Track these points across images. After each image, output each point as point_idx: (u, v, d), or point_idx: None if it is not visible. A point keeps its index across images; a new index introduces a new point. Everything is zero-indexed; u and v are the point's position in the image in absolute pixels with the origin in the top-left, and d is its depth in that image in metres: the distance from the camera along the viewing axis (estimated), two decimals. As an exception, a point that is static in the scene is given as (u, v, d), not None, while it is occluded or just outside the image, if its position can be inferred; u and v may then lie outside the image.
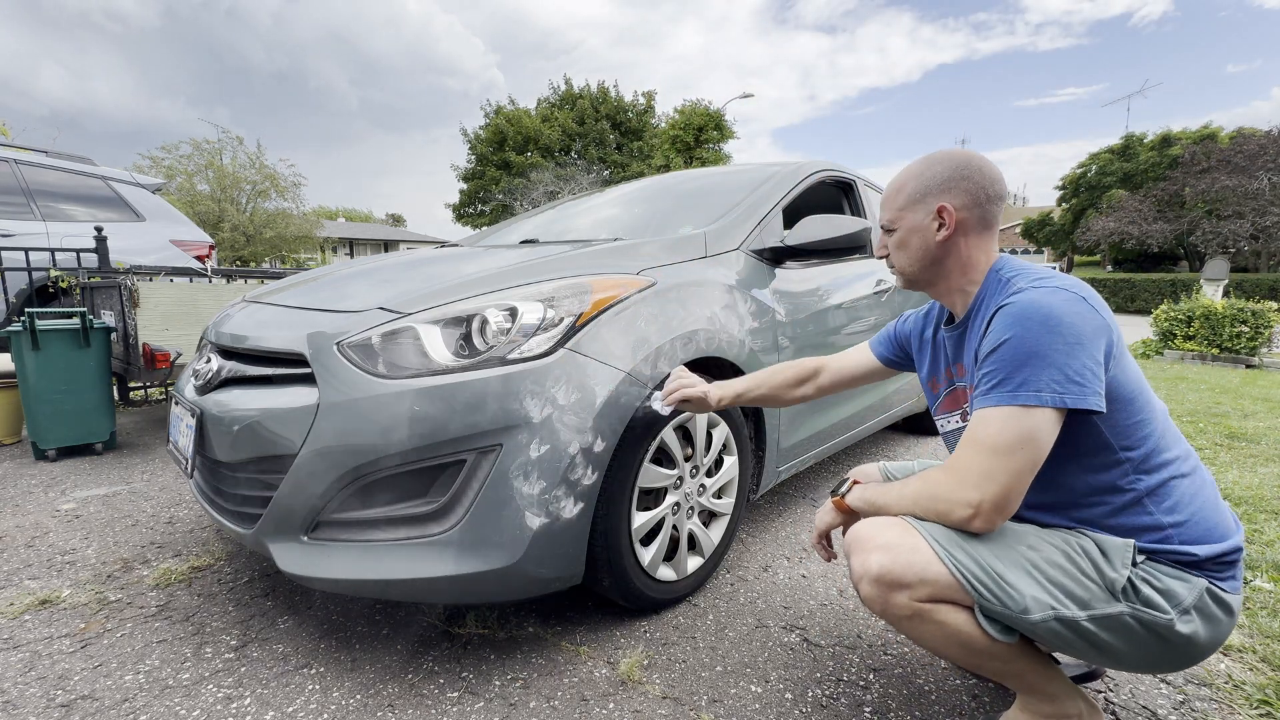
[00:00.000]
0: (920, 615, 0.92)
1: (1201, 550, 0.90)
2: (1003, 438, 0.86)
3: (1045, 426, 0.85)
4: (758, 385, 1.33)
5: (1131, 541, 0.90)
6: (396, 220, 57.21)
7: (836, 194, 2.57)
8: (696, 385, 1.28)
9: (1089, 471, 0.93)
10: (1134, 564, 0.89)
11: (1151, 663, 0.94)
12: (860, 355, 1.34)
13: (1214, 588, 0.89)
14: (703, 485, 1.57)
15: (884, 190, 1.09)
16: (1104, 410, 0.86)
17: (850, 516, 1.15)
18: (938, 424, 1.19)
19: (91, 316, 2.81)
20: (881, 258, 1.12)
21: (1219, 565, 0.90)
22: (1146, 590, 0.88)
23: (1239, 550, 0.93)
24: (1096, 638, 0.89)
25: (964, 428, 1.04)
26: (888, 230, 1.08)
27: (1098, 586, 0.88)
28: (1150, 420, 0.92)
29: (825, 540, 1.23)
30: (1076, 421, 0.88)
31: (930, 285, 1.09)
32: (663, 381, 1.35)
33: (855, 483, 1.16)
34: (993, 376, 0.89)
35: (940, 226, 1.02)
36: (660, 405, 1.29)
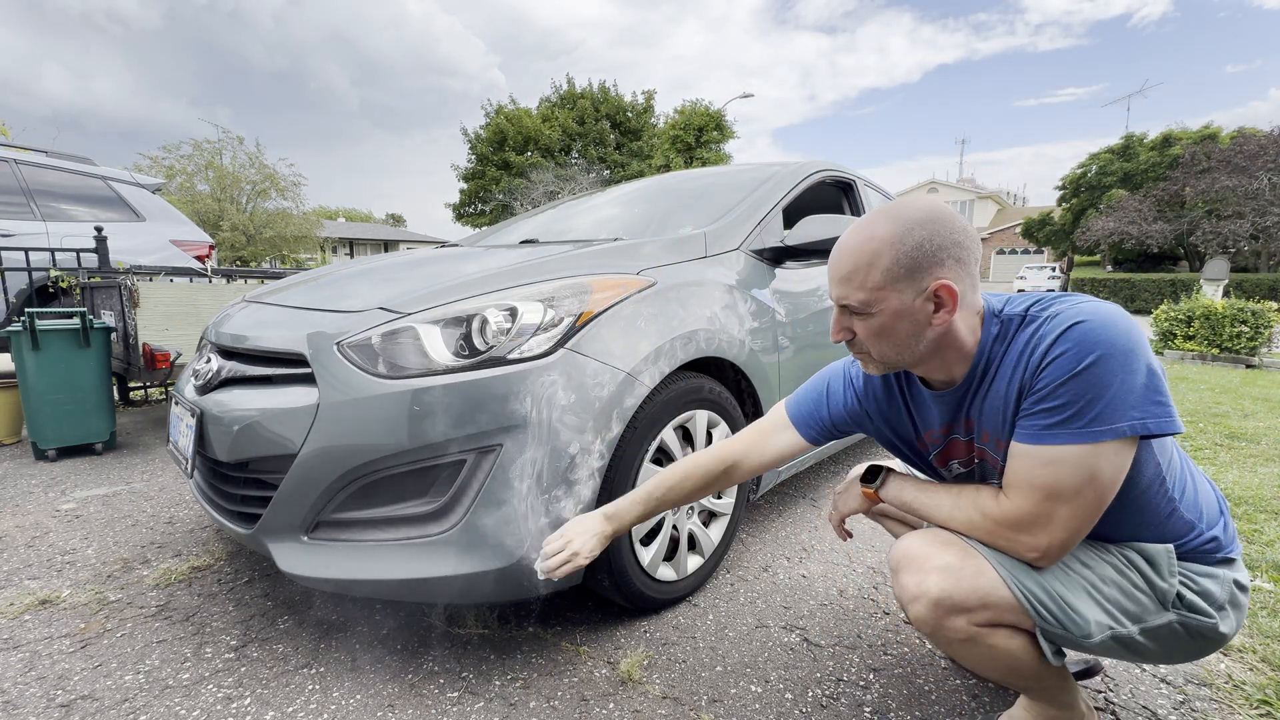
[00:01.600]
0: (975, 639, 0.89)
1: (1222, 534, 0.89)
2: (1076, 479, 0.78)
3: (1123, 458, 0.78)
4: (655, 499, 1.15)
5: (1170, 546, 0.87)
6: (396, 220, 57.22)
7: (836, 194, 2.57)
8: (577, 542, 1.11)
9: (1140, 490, 0.86)
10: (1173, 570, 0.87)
11: (1178, 657, 0.93)
12: (784, 441, 1.14)
13: (1238, 577, 0.89)
14: (703, 485, 1.57)
15: (838, 260, 0.89)
16: (1183, 430, 0.82)
17: (874, 505, 1.11)
18: (937, 474, 1.07)
19: (91, 316, 2.80)
20: (839, 342, 0.94)
21: (1230, 544, 0.90)
22: (1190, 596, 0.86)
23: (1229, 519, 0.94)
24: (1140, 645, 0.88)
25: (969, 472, 1.00)
26: (856, 312, 0.88)
27: (1149, 599, 0.87)
28: None
29: (843, 522, 1.19)
30: (1140, 444, 0.81)
31: (916, 366, 0.94)
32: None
33: (890, 472, 1.07)
34: (1063, 410, 0.78)
35: (938, 309, 0.85)
36: (541, 573, 1.13)
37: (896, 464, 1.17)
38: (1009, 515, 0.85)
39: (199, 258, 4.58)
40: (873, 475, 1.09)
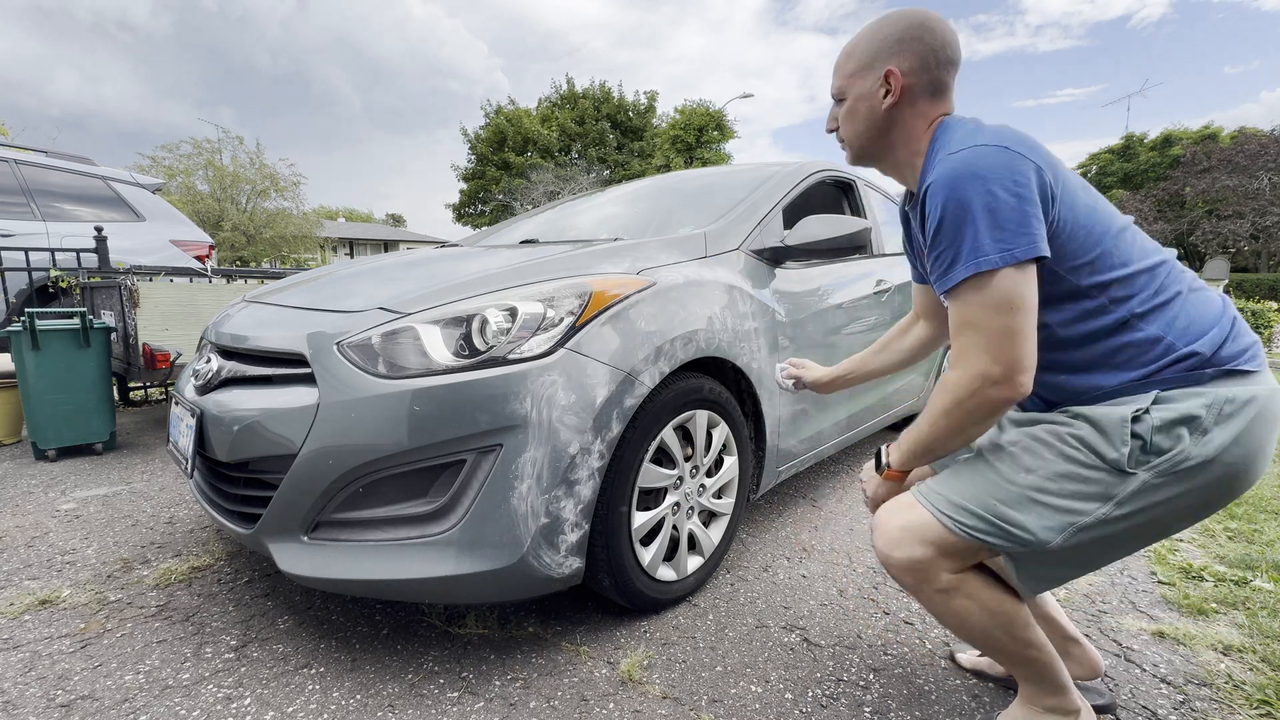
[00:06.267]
0: (952, 591, 0.94)
1: (1205, 346, 0.86)
2: (981, 310, 0.84)
3: (1016, 284, 0.82)
4: (860, 363, 1.37)
5: (1126, 414, 0.86)
6: (397, 220, 57.22)
7: (836, 194, 2.57)
8: (809, 368, 1.41)
9: (1070, 318, 0.90)
10: (1135, 420, 0.85)
11: (1203, 506, 0.89)
12: (915, 291, 1.29)
13: (1231, 368, 0.86)
14: (703, 485, 1.57)
15: (836, 58, 1.03)
16: (1048, 254, 0.83)
17: (903, 482, 1.10)
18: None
19: (91, 316, 2.81)
20: (831, 131, 1.04)
21: (1231, 357, 0.87)
22: (1158, 439, 0.84)
23: (1237, 319, 0.90)
24: (1131, 519, 0.87)
25: None
26: (838, 100, 1.02)
27: (1105, 473, 0.86)
28: (1113, 244, 0.89)
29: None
30: (1040, 271, 0.86)
31: (879, 160, 1.03)
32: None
33: (885, 447, 1.08)
34: (944, 259, 0.87)
35: (886, 93, 0.96)
36: (781, 379, 1.46)
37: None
38: (952, 367, 0.89)
39: (199, 258, 4.58)
40: (878, 461, 1.11)
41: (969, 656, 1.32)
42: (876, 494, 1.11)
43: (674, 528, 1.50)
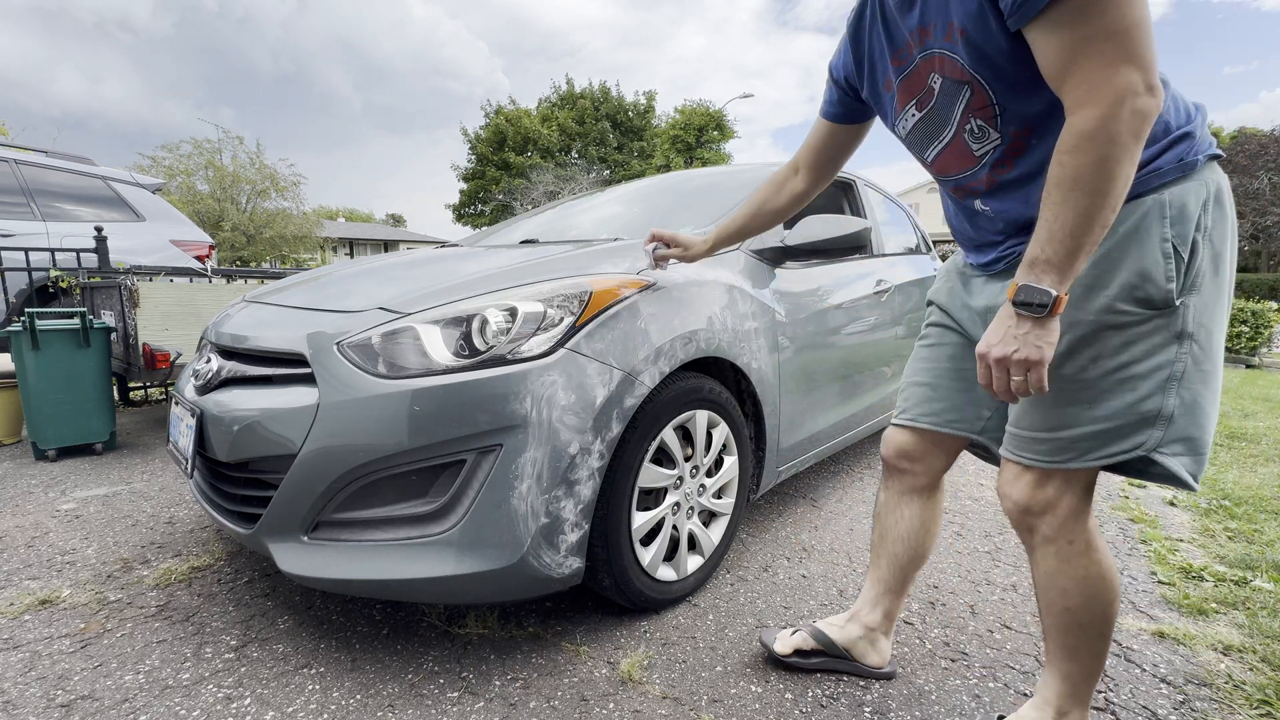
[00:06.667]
0: (1089, 547, 0.92)
1: (1195, 128, 0.83)
2: (1100, 8, 0.69)
3: None
4: (735, 220, 1.36)
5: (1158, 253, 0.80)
6: (397, 220, 57.24)
7: (837, 194, 2.57)
8: (681, 239, 1.40)
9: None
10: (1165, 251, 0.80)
11: (1219, 300, 0.86)
12: (815, 130, 1.22)
13: (1212, 153, 0.84)
14: (703, 485, 1.57)
15: None
16: None
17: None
18: (897, 129, 1.03)
19: (91, 316, 2.81)
20: None
21: (1205, 132, 0.85)
22: (1187, 255, 0.81)
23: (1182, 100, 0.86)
24: (1197, 342, 0.83)
25: (928, 114, 0.94)
26: None
27: (1160, 318, 0.82)
28: None
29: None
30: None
31: None
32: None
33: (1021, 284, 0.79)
34: None
35: None
36: (648, 259, 1.43)
37: None
38: (1089, 108, 0.71)
39: (199, 258, 4.58)
40: (1029, 304, 0.79)
41: (783, 640, 1.28)
42: (1026, 356, 0.78)
43: (674, 528, 1.50)
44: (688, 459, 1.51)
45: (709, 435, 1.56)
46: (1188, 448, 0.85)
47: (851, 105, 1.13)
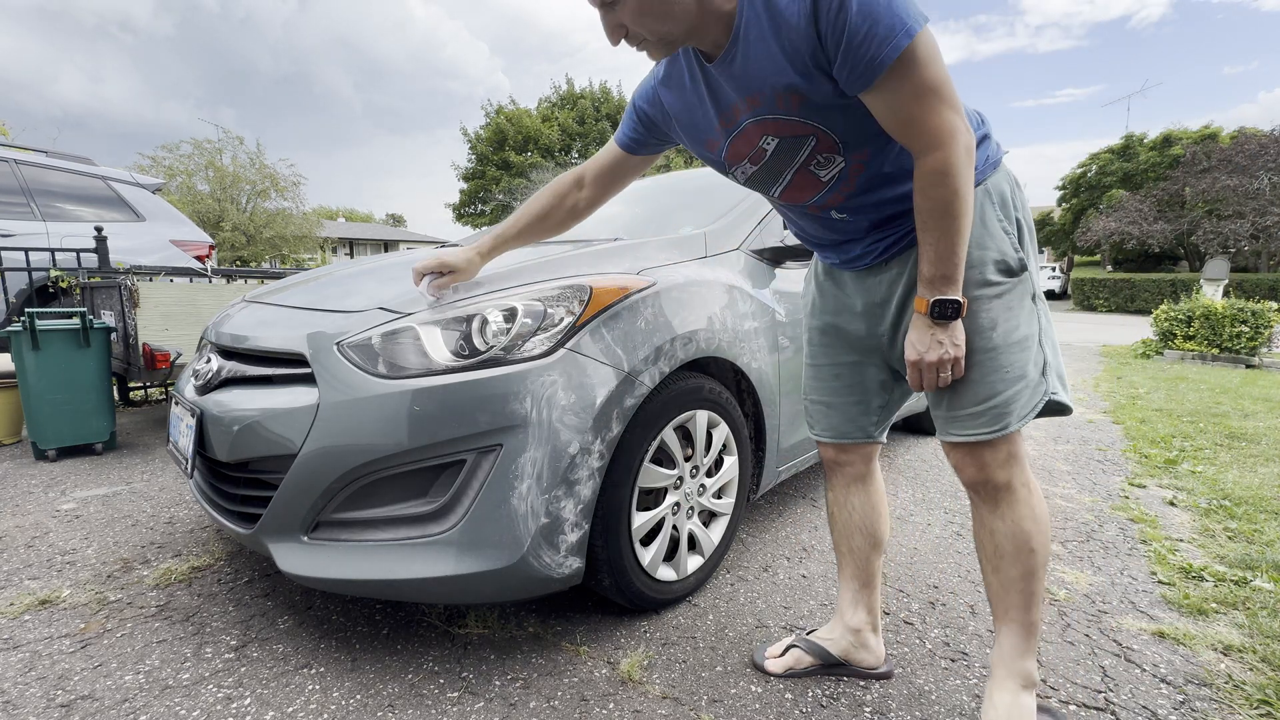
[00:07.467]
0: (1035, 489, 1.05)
1: (989, 130, 1.04)
2: (926, 72, 0.82)
3: (932, 36, 0.82)
4: (513, 227, 1.31)
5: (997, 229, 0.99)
6: (397, 220, 57.23)
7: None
8: (449, 262, 1.29)
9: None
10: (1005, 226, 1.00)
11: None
12: (608, 153, 1.23)
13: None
14: (703, 485, 1.57)
15: None
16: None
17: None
18: (731, 177, 1.07)
19: (91, 316, 2.81)
20: (617, 44, 0.89)
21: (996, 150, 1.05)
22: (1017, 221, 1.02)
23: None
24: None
25: (764, 166, 1.00)
26: (609, 3, 0.85)
27: (1024, 296, 1.00)
28: None
29: None
30: None
31: (693, 35, 0.90)
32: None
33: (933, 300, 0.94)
34: (869, 39, 0.78)
35: None
36: (428, 295, 1.28)
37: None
38: (939, 151, 0.86)
39: (199, 258, 4.58)
40: (940, 311, 0.95)
41: (774, 663, 1.29)
42: (952, 355, 0.95)
43: (674, 528, 1.50)
44: (688, 459, 1.51)
45: (709, 435, 1.56)
46: (1063, 382, 1.03)
47: (647, 140, 1.18)
